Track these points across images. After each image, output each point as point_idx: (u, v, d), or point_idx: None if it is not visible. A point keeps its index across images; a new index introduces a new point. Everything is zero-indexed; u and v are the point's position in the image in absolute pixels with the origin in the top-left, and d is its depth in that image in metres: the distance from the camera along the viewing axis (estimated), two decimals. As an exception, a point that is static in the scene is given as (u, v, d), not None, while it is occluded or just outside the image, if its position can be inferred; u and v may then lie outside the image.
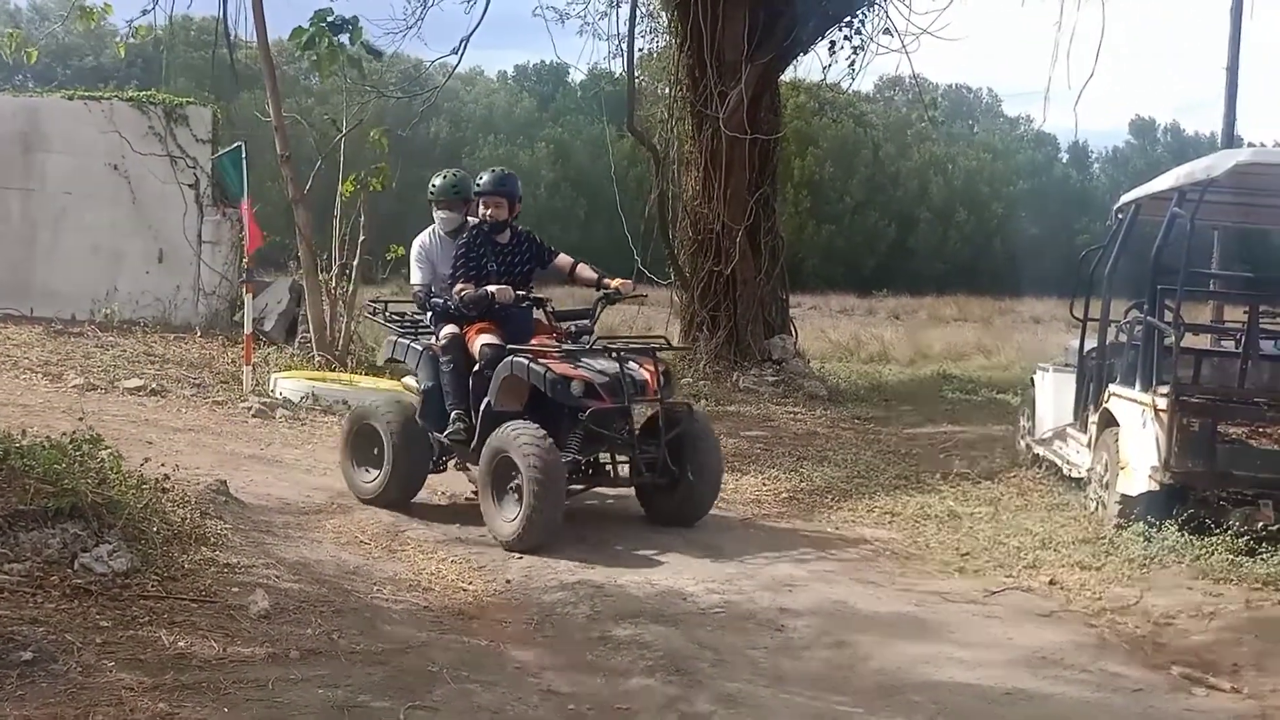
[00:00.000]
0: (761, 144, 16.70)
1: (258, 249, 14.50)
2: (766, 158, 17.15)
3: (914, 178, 54.19)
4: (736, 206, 16.51)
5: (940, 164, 54.94)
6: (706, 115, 16.52)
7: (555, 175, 50.30)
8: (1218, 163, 8.64)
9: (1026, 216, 54.22)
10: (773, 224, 17.54)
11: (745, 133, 16.17)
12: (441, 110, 48.10)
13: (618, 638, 6.09)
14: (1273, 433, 8.81)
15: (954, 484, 10.44)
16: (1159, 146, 65.37)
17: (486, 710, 4.86)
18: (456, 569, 7.29)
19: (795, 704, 5.28)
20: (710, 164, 16.56)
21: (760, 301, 16.99)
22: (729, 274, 16.64)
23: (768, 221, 17.27)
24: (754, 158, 16.67)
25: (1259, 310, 10.48)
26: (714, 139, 16.36)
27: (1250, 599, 6.99)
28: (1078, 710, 5.44)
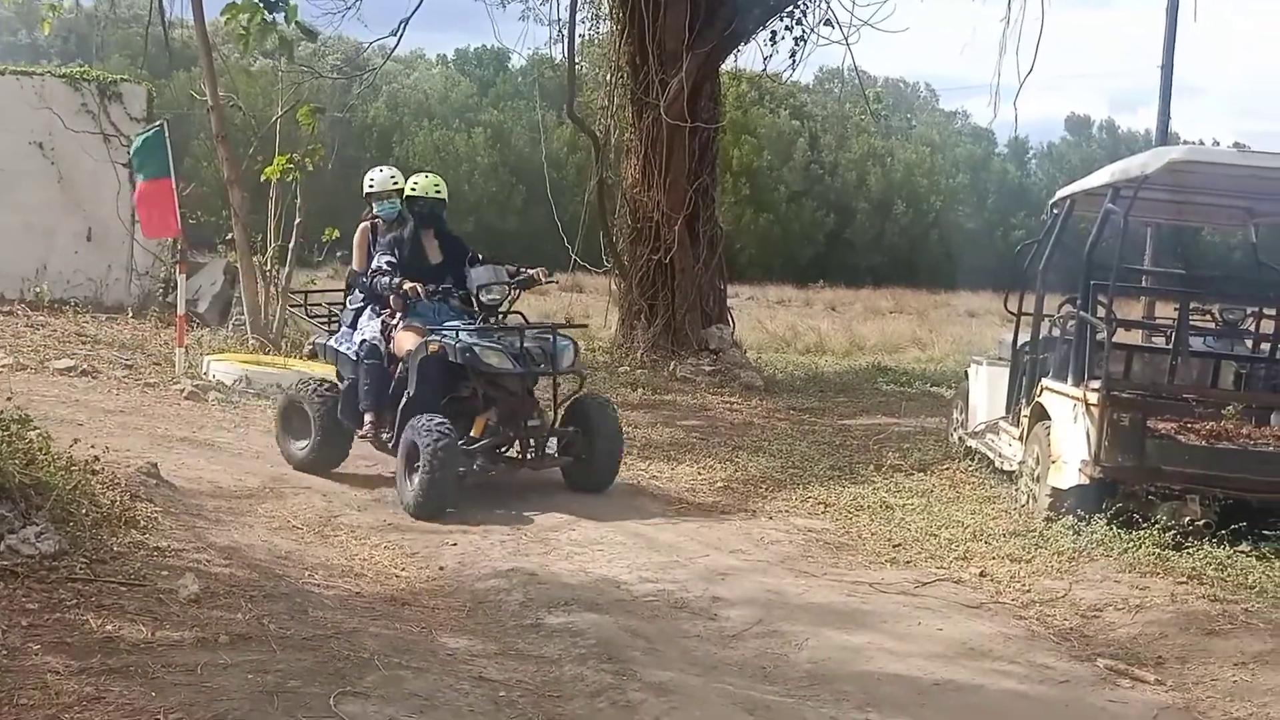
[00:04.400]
0: (702, 133, 16.72)
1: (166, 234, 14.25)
2: (706, 147, 17.17)
3: (852, 169, 54.44)
4: (676, 195, 16.51)
5: (879, 156, 55.23)
6: (647, 103, 16.51)
7: (493, 160, 50.08)
8: (1152, 160, 8.75)
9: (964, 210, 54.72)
10: (711, 213, 17.56)
11: (686, 121, 16.17)
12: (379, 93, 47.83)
13: (550, 625, 6.08)
14: (1201, 428, 8.93)
15: (887, 475, 10.52)
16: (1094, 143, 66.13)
17: (417, 696, 4.83)
18: (389, 555, 7.26)
19: (727, 692, 5.29)
20: (650, 152, 16.55)
21: (698, 291, 17.02)
22: (667, 263, 16.65)
23: (707, 211, 17.30)
24: (694, 147, 16.68)
25: (1189, 307, 10.64)
26: (654, 127, 16.34)
27: (1176, 592, 7.09)
28: (1005, 701, 5.50)
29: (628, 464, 10.44)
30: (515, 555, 7.30)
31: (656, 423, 12.85)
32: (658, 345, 16.69)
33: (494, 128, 51.51)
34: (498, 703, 4.94)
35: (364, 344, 9.00)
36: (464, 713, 4.75)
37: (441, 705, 4.79)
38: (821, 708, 5.20)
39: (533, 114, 40.78)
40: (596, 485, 9.14)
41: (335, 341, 9.41)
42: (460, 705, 4.83)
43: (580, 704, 5.06)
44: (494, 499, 8.83)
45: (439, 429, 8.13)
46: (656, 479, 10.07)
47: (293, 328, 15.44)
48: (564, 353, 8.94)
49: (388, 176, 9.50)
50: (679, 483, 10.04)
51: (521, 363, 8.65)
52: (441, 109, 54.22)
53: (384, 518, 8.17)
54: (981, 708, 5.38)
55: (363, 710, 4.62)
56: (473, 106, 54.49)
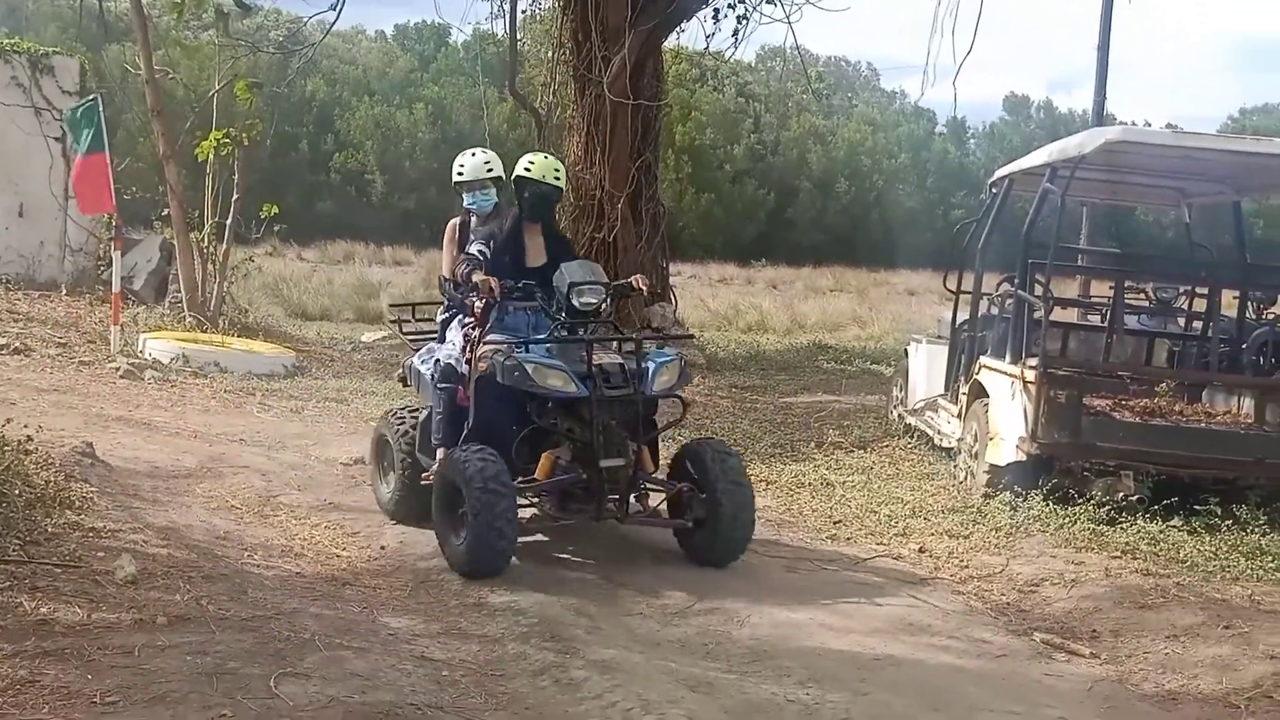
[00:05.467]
0: (644, 110, 16.65)
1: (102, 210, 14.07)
2: (649, 124, 17.11)
3: (794, 148, 54.50)
4: (618, 173, 16.45)
5: (820, 135, 55.36)
6: (589, 80, 16.41)
7: (435, 137, 49.72)
8: (1088, 140, 8.84)
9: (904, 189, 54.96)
10: (654, 191, 17.52)
11: (628, 99, 16.10)
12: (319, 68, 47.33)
13: (492, 604, 6.09)
14: (1135, 405, 9.06)
15: (828, 453, 10.58)
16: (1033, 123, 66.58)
17: (359, 677, 4.81)
18: (330, 535, 7.22)
19: (670, 669, 5.31)
20: (592, 129, 16.46)
21: (641, 269, 16.96)
22: (610, 241, 16.59)
23: (649, 189, 17.25)
24: (636, 124, 16.61)
25: (1124, 286, 10.78)
26: (597, 104, 16.25)
27: (1110, 567, 7.20)
28: (943, 675, 5.56)
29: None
30: (457, 534, 7.27)
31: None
32: (600, 323, 16.64)
33: (435, 104, 51.12)
34: (440, 682, 4.93)
35: (439, 364, 7.22)
36: (406, 692, 4.73)
37: (383, 685, 4.77)
38: (763, 684, 5.23)
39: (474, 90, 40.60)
40: (717, 558, 6.98)
41: (419, 360, 7.65)
42: (402, 685, 4.81)
43: (523, 682, 5.06)
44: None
45: (484, 461, 6.39)
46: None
47: (231, 305, 15.30)
48: (659, 371, 6.89)
49: (482, 162, 7.69)
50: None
51: (589, 383, 6.68)
52: (382, 85, 53.71)
53: (323, 497, 8.11)
54: (921, 682, 5.43)
55: (303, 691, 4.59)
56: (413, 82, 54.00)
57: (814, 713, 4.96)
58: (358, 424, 10.65)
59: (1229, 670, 5.78)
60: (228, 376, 12.57)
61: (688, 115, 47.80)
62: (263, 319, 16.77)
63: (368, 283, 25.87)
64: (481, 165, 7.70)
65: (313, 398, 11.92)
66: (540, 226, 7.44)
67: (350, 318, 22.06)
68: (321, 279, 26.12)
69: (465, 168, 7.70)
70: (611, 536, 7.43)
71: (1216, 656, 5.95)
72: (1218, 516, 8.08)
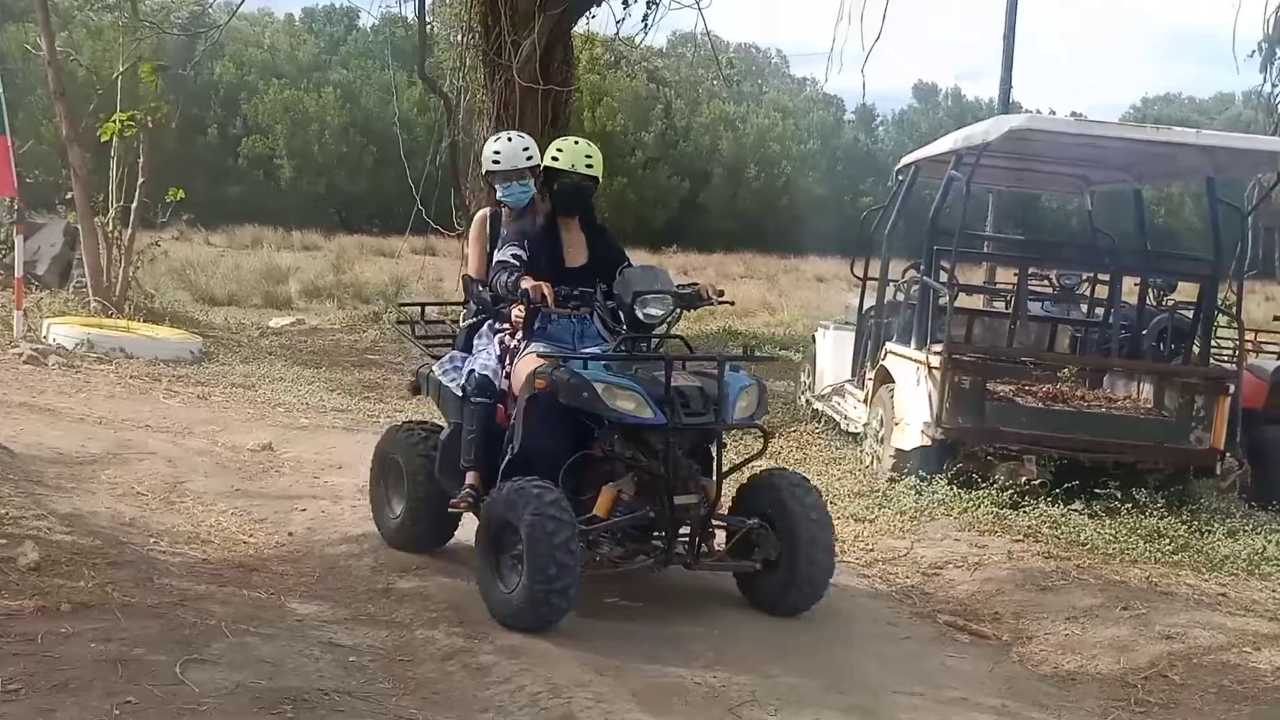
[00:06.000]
0: (554, 95, 16.60)
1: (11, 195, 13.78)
2: (559, 110, 17.06)
3: (705, 134, 54.71)
4: (529, 158, 16.39)
5: (731, 122, 55.60)
6: (499, 64, 16.33)
7: (343, 121, 49.25)
8: (993, 128, 8.99)
9: (814, 176, 55.39)
10: (564, 176, 17.48)
11: (538, 83, 16.05)
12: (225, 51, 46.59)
13: (401, 590, 6.07)
14: (1038, 390, 9.24)
15: (736, 438, 10.62)
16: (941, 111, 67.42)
17: (266, 663, 4.78)
18: (237, 521, 7.15)
19: (579, 654, 5.32)
20: (502, 114, 16.38)
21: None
22: (520, 226, 16.53)
23: (559, 174, 17.20)
24: (546, 109, 16.56)
25: (1028, 272, 10.97)
26: (506, 89, 16.17)
27: (1012, 550, 7.35)
28: (850, 659, 5.63)
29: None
30: (367, 520, 7.20)
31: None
32: (510, 308, 16.60)
33: (344, 87, 50.61)
34: (348, 668, 4.91)
35: (472, 376, 6.31)
36: (313, 678, 4.71)
37: (290, 671, 4.75)
38: (670, 666, 5.27)
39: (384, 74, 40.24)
40: (791, 605, 6.09)
41: (440, 370, 6.66)
42: (309, 671, 4.79)
43: (431, 667, 5.06)
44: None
45: (543, 495, 5.46)
46: (509, 443, 10.03)
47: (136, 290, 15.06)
48: (739, 395, 5.95)
49: (520, 149, 6.72)
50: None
51: (667, 409, 5.73)
52: (290, 68, 53.06)
53: (231, 483, 8.03)
54: (826, 665, 5.50)
55: (209, 678, 4.56)
56: (322, 65, 53.43)
57: (720, 695, 5.00)
58: (265, 410, 10.56)
59: (1126, 651, 5.93)
60: (133, 362, 12.38)
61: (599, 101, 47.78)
62: (169, 304, 16.50)
63: (276, 268, 25.54)
64: (519, 153, 6.71)
65: (220, 383, 11.79)
66: (577, 221, 6.42)
67: (258, 303, 21.78)
68: (229, 264, 25.78)
69: (501, 155, 6.70)
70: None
71: (1114, 637, 6.10)
72: (1117, 500, 8.28)
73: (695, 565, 6.00)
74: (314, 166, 49.09)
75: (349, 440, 9.49)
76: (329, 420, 10.37)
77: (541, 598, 5.38)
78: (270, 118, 49.42)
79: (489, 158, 6.74)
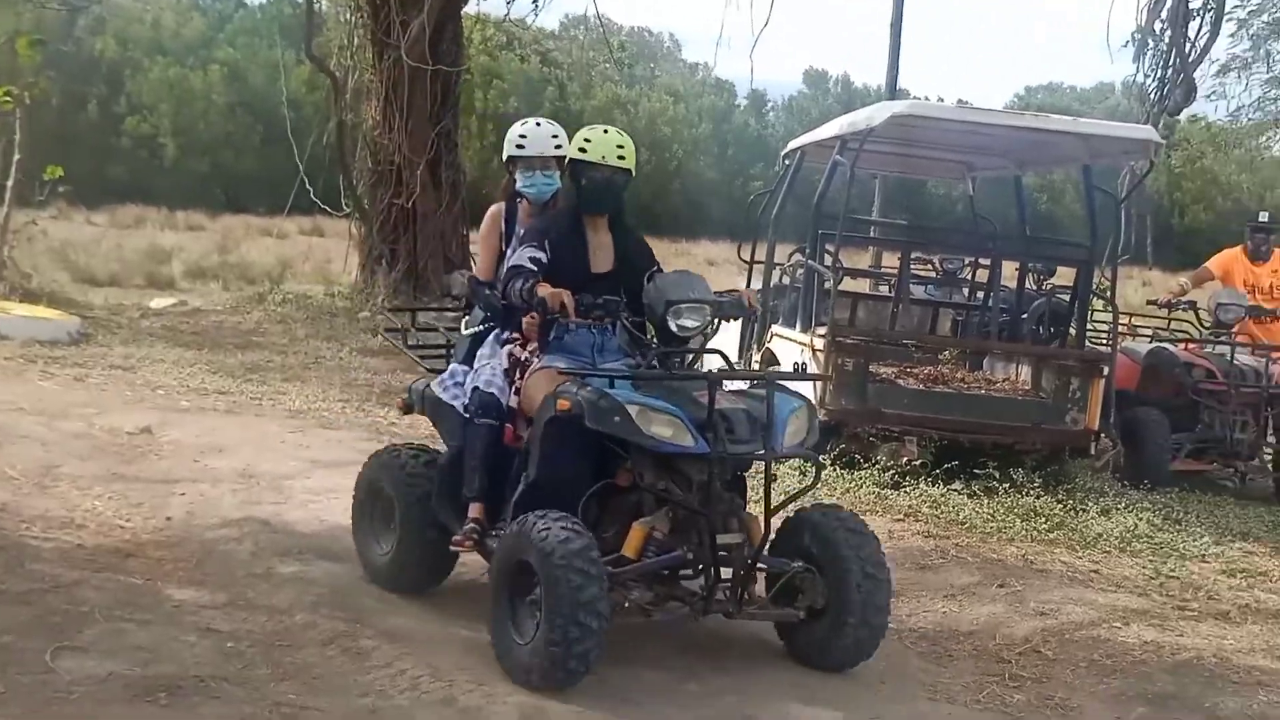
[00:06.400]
0: (443, 76, 16.49)
1: None
2: (449, 90, 16.95)
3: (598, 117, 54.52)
4: (417, 138, 16.27)
5: (623, 105, 55.61)
6: (387, 44, 16.17)
7: (230, 99, 48.38)
8: (876, 113, 9.10)
9: (705, 161, 55.66)
10: (455, 158, 17.37)
11: (427, 63, 15.93)
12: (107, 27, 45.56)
13: (281, 574, 5.98)
14: (919, 373, 9.39)
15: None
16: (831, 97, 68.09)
17: (141, 650, 4.71)
18: (114, 506, 6.99)
19: (461, 637, 5.32)
20: (391, 94, 16.24)
21: (440, 236, 16.84)
22: (409, 207, 16.41)
23: (449, 155, 17.10)
24: (436, 90, 16.44)
25: (910, 257, 11.14)
26: (395, 69, 16.02)
27: (893, 529, 7.48)
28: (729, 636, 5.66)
29: (364, 410, 10.35)
30: (247, 504, 7.13)
31: (396, 369, 12.67)
32: (399, 291, 16.46)
33: (231, 66, 49.70)
34: (225, 654, 4.85)
35: (476, 393, 5.57)
36: (189, 664, 4.64)
37: (166, 658, 4.68)
38: (551, 647, 5.27)
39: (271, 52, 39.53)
40: (840, 659, 5.34)
41: (439, 386, 5.93)
42: (186, 657, 4.72)
43: (311, 652, 5.00)
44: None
45: (569, 541, 4.69)
46: (395, 425, 9.95)
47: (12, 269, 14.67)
48: (788, 420, 5.19)
49: (547, 135, 6.03)
50: (418, 429, 9.93)
51: (710, 436, 4.94)
52: (175, 45, 51.92)
53: (108, 467, 7.85)
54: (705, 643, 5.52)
55: (81, 665, 4.48)
56: (207, 43, 52.38)
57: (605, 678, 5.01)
58: (145, 392, 10.34)
59: (1002, 627, 6.08)
60: (8, 343, 12.04)
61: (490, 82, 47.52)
62: (47, 284, 16.06)
63: (160, 248, 25.02)
64: (548, 139, 6.00)
65: (98, 365, 11.51)
66: (604, 220, 5.65)
67: (141, 284, 21.33)
68: (111, 244, 25.22)
69: (527, 140, 6.01)
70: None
71: (991, 614, 6.25)
72: (996, 480, 8.46)
73: (737, 614, 5.21)
74: (199, 146, 48.15)
75: (231, 423, 9.34)
76: (211, 403, 10.19)
77: (559, 660, 4.68)
78: (154, 96, 48.36)
79: (513, 141, 6.05)
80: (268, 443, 8.82)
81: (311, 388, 11.16)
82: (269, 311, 16.04)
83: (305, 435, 9.17)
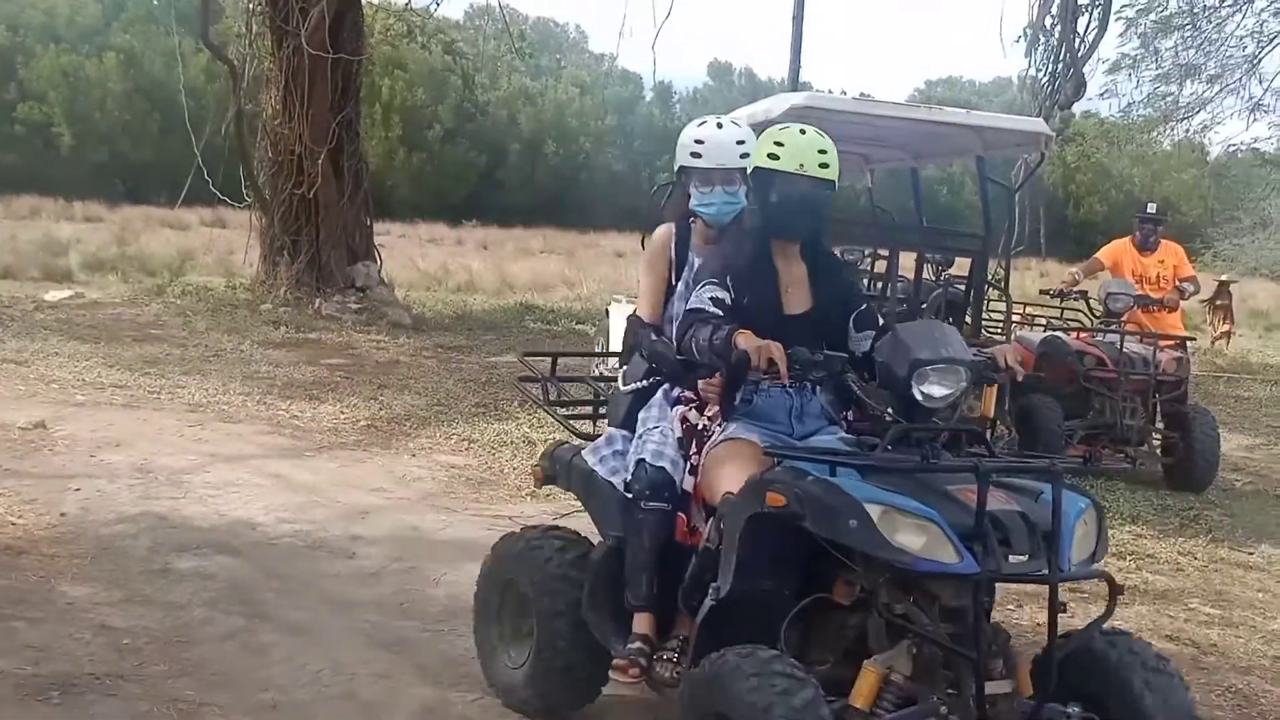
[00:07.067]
0: (344, 65, 16.36)
1: None
2: (349, 79, 16.83)
3: (503, 108, 54.51)
4: (318, 128, 16.12)
5: (530, 96, 55.51)
6: (287, 32, 16.00)
7: (126, 87, 47.49)
8: (775, 105, 9.15)
9: (612, 152, 55.75)
10: (357, 147, 17.26)
11: (327, 52, 15.79)
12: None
13: (179, 570, 5.93)
14: (819, 361, 9.47)
15: (531, 411, 10.67)
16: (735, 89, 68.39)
17: (33, 648, 4.65)
18: (5, 502, 6.87)
19: (363, 629, 5.32)
20: (291, 83, 16.07)
21: (344, 227, 16.72)
22: (311, 197, 16.26)
23: (351, 144, 16.98)
24: (336, 78, 16.31)
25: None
26: (295, 57, 15.86)
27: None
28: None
29: (266, 403, 10.26)
30: (144, 499, 7.06)
31: (300, 361, 12.61)
32: (301, 282, 16.33)
33: (127, 53, 48.76)
34: (121, 650, 4.80)
35: (642, 468, 4.28)
36: (83, 662, 4.60)
37: (58, 656, 4.63)
38: (457, 639, 5.28)
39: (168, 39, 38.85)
40: None
41: (593, 455, 4.64)
42: (79, 655, 4.68)
43: (209, 648, 4.98)
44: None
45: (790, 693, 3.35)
46: (298, 419, 9.90)
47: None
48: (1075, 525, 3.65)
49: (731, 140, 4.65)
50: (321, 422, 9.89)
51: (977, 549, 3.49)
52: (69, 32, 50.85)
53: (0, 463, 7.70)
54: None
55: (-30, 665, 4.41)
56: (102, 30, 51.35)
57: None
58: (38, 386, 10.16)
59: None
60: (-106, 338, 11.81)
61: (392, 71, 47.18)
62: (-65, 277, 15.77)
63: (55, 240, 24.52)
64: (731, 146, 4.62)
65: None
66: (797, 248, 4.34)
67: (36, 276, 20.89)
68: (4, 234, 24.67)
69: (705, 146, 4.65)
70: (300, 492, 7.34)
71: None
72: (895, 467, 8.57)
73: None
74: (96, 135, 47.25)
75: (128, 417, 9.23)
76: (107, 397, 10.03)
77: None
78: (47, 83, 47.34)
79: (686, 147, 4.69)
80: (166, 437, 8.72)
81: (211, 381, 11.03)
82: (168, 304, 15.83)
83: (204, 429, 9.08)
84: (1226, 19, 19.83)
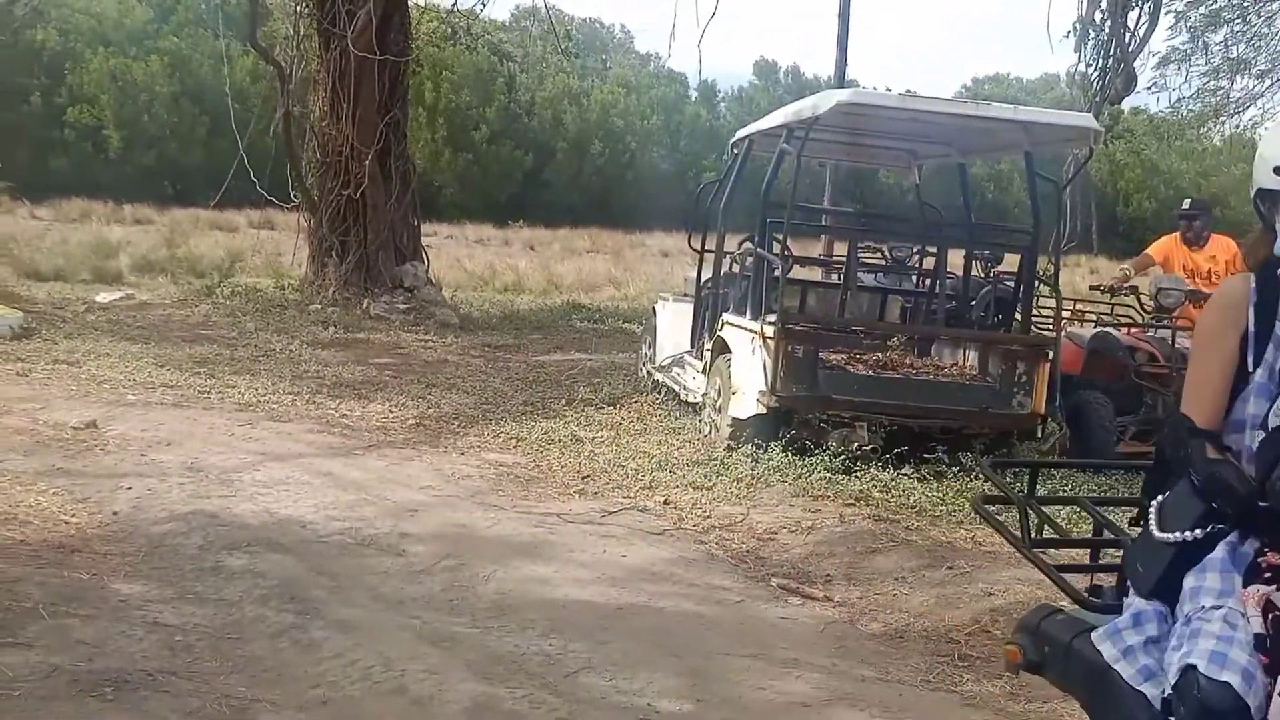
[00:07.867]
0: (391, 66, 16.42)
1: None
2: (396, 80, 16.89)
3: (549, 109, 54.55)
4: (366, 129, 16.19)
5: (575, 96, 55.52)
6: (334, 33, 16.08)
7: (174, 90, 47.83)
8: (821, 102, 9.13)
9: (658, 152, 55.68)
10: (404, 148, 17.33)
11: (374, 53, 15.85)
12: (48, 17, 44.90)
13: (231, 568, 5.94)
14: (868, 359, 9.44)
15: (578, 409, 10.69)
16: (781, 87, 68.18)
17: (86, 645, 4.66)
18: (58, 501, 6.91)
19: (412, 626, 5.31)
20: (338, 84, 16.14)
21: (391, 227, 16.77)
22: (358, 198, 16.33)
23: (399, 146, 17.04)
24: (384, 80, 16.37)
25: (858, 245, 11.19)
26: (342, 59, 15.93)
27: (844, 514, 7.52)
28: (683, 622, 5.71)
29: (315, 402, 10.31)
30: (195, 498, 7.08)
31: (348, 361, 12.65)
32: (350, 282, 16.40)
33: (175, 56, 49.14)
34: (173, 648, 4.81)
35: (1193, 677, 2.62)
36: (136, 659, 4.61)
37: (111, 652, 4.64)
38: (506, 636, 5.28)
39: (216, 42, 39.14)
40: None
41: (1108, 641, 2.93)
42: (132, 652, 4.68)
43: (261, 645, 4.98)
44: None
45: None
46: (347, 417, 9.93)
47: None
48: None
49: None
50: (370, 420, 9.92)
51: None
52: (117, 35, 51.29)
53: (52, 462, 7.77)
54: (661, 629, 5.57)
55: (25, 661, 4.43)
56: (151, 33, 51.74)
57: (556, 662, 5.03)
58: (90, 386, 10.23)
59: (950, 608, 6.11)
60: (-51, 339, 11.92)
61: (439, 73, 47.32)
62: (-11, 279, 15.94)
63: (106, 242, 24.69)
64: None
65: (42, 360, 11.37)
66: None
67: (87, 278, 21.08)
68: (56, 238, 24.89)
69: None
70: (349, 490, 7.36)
71: (940, 595, 6.29)
72: (944, 464, 8.53)
73: None
74: (144, 138, 47.59)
75: (178, 416, 9.27)
76: (158, 396, 10.10)
77: None
78: (97, 87, 47.77)
79: (1269, 161, 2.97)
80: (216, 436, 8.76)
81: (261, 380, 11.08)
82: (218, 305, 15.92)
83: (254, 428, 9.12)
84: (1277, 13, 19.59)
